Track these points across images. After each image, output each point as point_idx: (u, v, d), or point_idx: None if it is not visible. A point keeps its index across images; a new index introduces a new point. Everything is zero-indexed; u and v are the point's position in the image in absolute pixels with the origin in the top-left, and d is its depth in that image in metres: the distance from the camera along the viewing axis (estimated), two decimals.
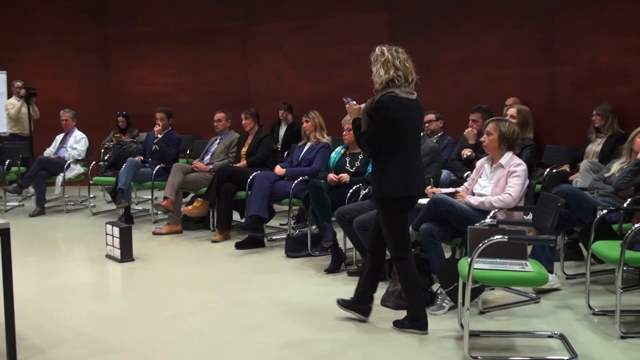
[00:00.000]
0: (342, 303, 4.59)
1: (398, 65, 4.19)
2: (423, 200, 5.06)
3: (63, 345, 4.12)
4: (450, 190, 5.17)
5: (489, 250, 3.86)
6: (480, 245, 3.79)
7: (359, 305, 4.54)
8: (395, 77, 4.17)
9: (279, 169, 7.03)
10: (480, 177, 5.05)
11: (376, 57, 4.28)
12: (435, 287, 4.88)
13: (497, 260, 3.98)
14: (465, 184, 5.22)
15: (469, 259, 3.87)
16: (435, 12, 9.40)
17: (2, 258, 3.71)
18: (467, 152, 6.93)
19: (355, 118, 4.39)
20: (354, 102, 4.47)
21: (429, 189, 5.18)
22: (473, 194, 4.96)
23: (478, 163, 5.20)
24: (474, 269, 3.81)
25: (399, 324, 4.35)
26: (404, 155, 4.20)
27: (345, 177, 6.13)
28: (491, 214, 4.69)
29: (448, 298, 4.65)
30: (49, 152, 9.50)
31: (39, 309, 4.86)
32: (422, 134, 5.61)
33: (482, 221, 4.59)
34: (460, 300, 4.13)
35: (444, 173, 6.33)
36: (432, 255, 4.72)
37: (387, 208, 4.25)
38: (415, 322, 4.29)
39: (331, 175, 6.18)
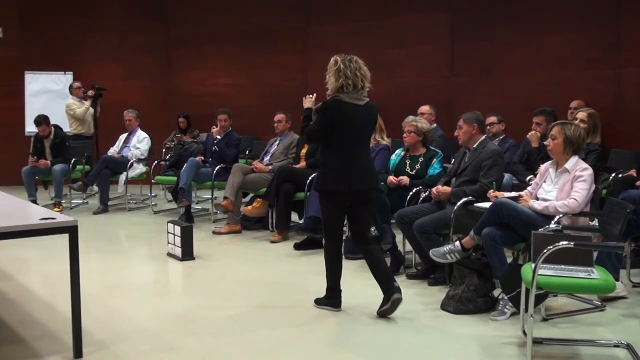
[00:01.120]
0: (380, 313, 4.68)
1: (348, 74, 4.60)
2: (485, 204, 5.00)
3: (126, 341, 4.20)
4: (513, 194, 5.08)
5: (554, 256, 3.79)
6: (545, 250, 3.72)
7: (382, 308, 4.68)
8: (344, 84, 4.60)
9: None
10: (544, 181, 4.94)
11: (330, 66, 4.70)
12: (497, 292, 4.81)
13: (562, 266, 3.90)
14: (529, 188, 5.12)
15: (533, 265, 3.79)
16: (497, 12, 9.27)
17: (70, 254, 3.81)
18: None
19: (307, 108, 4.94)
20: (311, 96, 5.04)
21: (491, 193, 5.11)
22: (537, 199, 4.87)
23: (542, 167, 5.10)
24: (539, 274, 3.74)
25: (317, 302, 4.90)
26: (344, 155, 4.62)
27: (405, 179, 6.09)
28: (555, 219, 4.59)
29: (510, 304, 4.57)
30: (113, 151, 9.70)
31: (103, 304, 4.97)
32: (483, 137, 5.56)
33: (547, 226, 4.50)
34: (522, 306, 4.06)
35: (506, 177, 6.22)
36: (494, 259, 4.65)
37: (323, 198, 4.75)
38: (329, 300, 4.84)
39: (391, 178, 6.14)
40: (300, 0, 11.13)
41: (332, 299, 4.86)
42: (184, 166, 8.25)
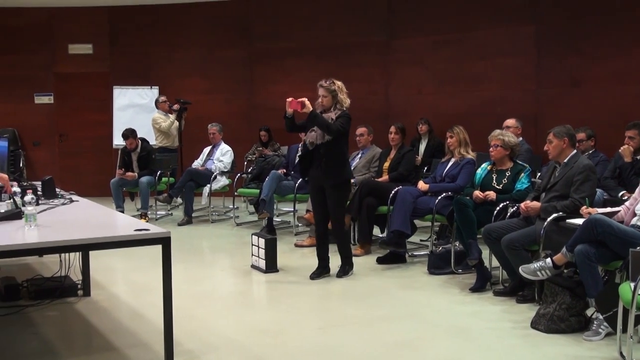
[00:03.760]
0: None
1: (347, 92, 6.07)
2: (577, 221, 4.84)
3: (215, 352, 4.26)
4: (608, 210, 4.91)
5: None
6: None
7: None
8: (348, 102, 6.09)
9: (422, 185, 6.95)
10: None
11: (340, 88, 6.11)
12: (590, 311, 4.65)
13: None
14: (627, 203, 4.93)
15: (632, 284, 3.65)
16: (584, 22, 9.03)
17: (163, 265, 3.86)
18: None
19: (313, 110, 6.02)
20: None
21: (584, 209, 4.93)
22: (634, 214, 4.69)
23: None
24: (639, 294, 3.59)
25: (341, 273, 6.19)
26: (347, 153, 6.30)
27: (492, 194, 5.96)
28: None
29: (605, 324, 4.41)
30: (197, 164, 9.88)
31: (191, 315, 5.04)
32: (574, 151, 5.40)
33: None
34: (620, 327, 3.91)
35: (597, 192, 6.03)
36: (588, 277, 4.49)
37: (345, 186, 6.20)
38: (351, 266, 6.26)
39: (477, 192, 6.03)
40: (383, 14, 11.12)
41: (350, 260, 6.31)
42: (267, 178, 8.33)
